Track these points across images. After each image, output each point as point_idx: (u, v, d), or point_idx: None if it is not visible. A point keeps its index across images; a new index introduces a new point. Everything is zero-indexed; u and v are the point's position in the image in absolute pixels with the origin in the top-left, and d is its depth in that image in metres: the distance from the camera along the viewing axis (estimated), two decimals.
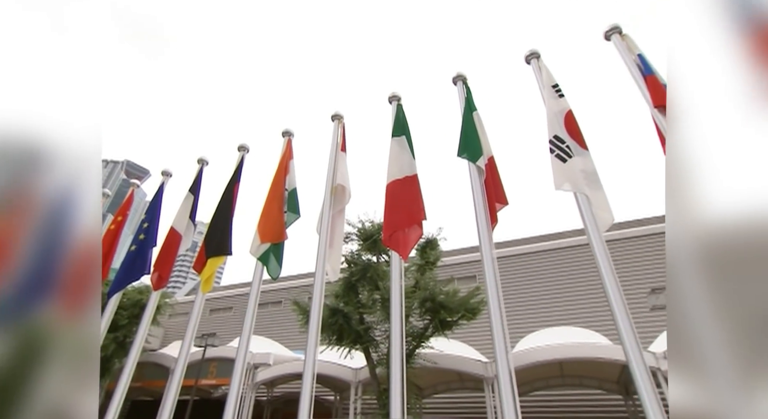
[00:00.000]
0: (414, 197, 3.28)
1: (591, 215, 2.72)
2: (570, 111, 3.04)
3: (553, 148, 2.89)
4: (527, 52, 3.42)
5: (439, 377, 12.42)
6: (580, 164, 2.83)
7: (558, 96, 3.13)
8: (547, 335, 12.12)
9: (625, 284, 14.27)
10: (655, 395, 2.28)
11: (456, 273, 16.05)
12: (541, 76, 3.28)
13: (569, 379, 12.29)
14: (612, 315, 2.56)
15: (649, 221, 16.15)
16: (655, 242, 15.15)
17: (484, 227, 2.89)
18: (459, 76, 3.60)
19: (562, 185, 2.80)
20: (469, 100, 3.46)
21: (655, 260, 14.78)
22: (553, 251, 16.38)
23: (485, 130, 3.30)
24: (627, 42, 3.10)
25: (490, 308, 2.72)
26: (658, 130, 2.79)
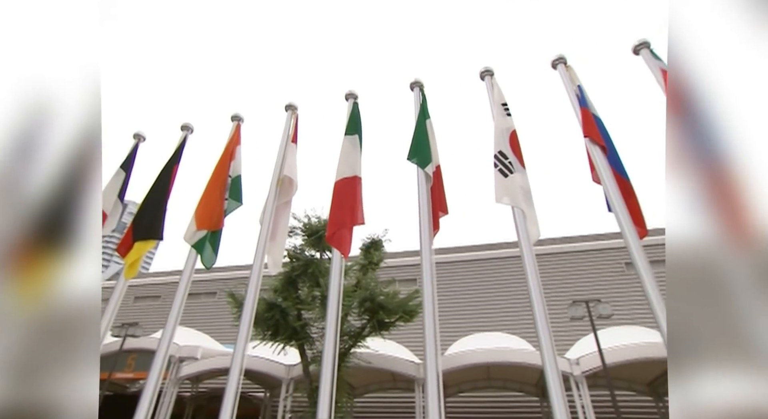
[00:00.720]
0: (357, 198, 3.30)
1: (525, 230, 2.90)
2: (515, 130, 3.23)
3: (497, 162, 3.05)
4: (482, 68, 3.58)
5: (372, 376, 12.54)
6: (519, 180, 3.02)
7: (506, 114, 3.31)
8: (478, 339, 12.73)
9: (549, 296, 15.41)
10: (563, 397, 2.48)
11: (398, 275, 16.33)
12: (493, 93, 3.46)
13: (495, 382, 12.99)
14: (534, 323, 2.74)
15: (574, 239, 17.57)
16: (578, 259, 16.55)
17: (426, 232, 2.97)
18: (417, 82, 3.68)
19: (502, 199, 2.96)
20: (424, 107, 3.54)
21: (577, 275, 16.13)
22: (488, 260, 17.28)
23: (436, 138, 3.40)
24: (570, 73, 3.36)
25: (424, 311, 2.80)
26: (589, 157, 3.06)
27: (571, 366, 10.42)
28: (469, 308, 16.23)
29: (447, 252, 18.00)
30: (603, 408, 11.95)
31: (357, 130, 3.55)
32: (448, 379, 12.46)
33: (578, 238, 17.48)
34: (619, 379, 12.06)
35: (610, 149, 3.13)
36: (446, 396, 13.20)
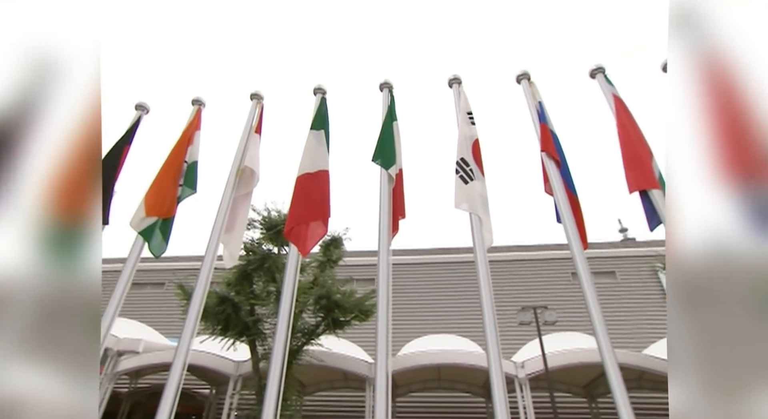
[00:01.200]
0: (323, 193, 3.27)
1: (480, 236, 3.00)
2: (477, 139, 3.33)
3: (458, 169, 3.13)
4: (451, 76, 3.66)
5: (324, 375, 12.45)
6: (478, 188, 3.12)
7: (470, 123, 3.41)
8: (431, 341, 12.99)
9: (501, 301, 16.02)
10: (505, 398, 2.59)
11: (356, 274, 16.31)
12: (459, 101, 3.55)
13: (444, 383, 13.31)
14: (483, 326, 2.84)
15: (526, 247, 18.38)
16: (529, 267, 17.34)
17: (385, 233, 3.00)
18: (386, 84, 3.70)
19: (461, 204, 3.05)
20: (392, 108, 3.57)
21: (527, 282, 16.89)
22: (443, 264, 17.69)
23: (401, 142, 3.44)
24: (533, 89, 3.52)
25: (378, 311, 2.82)
26: (544, 169, 3.22)
27: (517, 369, 10.89)
28: (423, 310, 16.53)
29: (405, 254, 18.21)
30: (543, 409, 12.58)
31: (323, 125, 3.51)
32: (400, 379, 12.61)
33: (530, 247, 18.30)
34: (559, 382, 12.75)
35: (563, 164, 3.31)
36: (397, 395, 13.35)
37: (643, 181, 3.14)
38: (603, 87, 3.43)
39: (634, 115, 3.49)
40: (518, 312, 10.95)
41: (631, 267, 17.08)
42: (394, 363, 11.04)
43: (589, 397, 13.29)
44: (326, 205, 3.24)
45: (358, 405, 14.21)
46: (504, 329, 15.38)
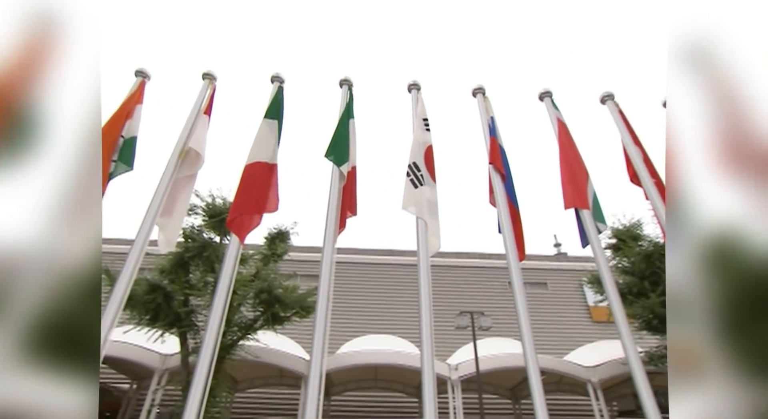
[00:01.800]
0: (270, 184, 3.19)
1: (424, 240, 3.08)
2: (431, 146, 3.42)
3: (409, 172, 3.19)
4: (411, 81, 3.72)
5: (259, 371, 12.08)
6: (427, 193, 3.19)
7: (426, 129, 3.49)
8: (370, 341, 13.08)
9: (441, 305, 16.54)
10: (434, 399, 2.67)
11: (300, 270, 16.03)
12: (417, 107, 3.62)
13: (381, 383, 13.47)
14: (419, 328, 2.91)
15: (469, 255, 19.15)
16: (470, 273, 18.08)
17: (332, 230, 2.98)
18: (346, 80, 3.68)
19: (408, 207, 3.11)
20: (349, 106, 3.56)
21: (467, 288, 17.59)
22: (388, 265, 17.91)
23: (356, 140, 3.44)
24: (486, 103, 3.69)
25: (317, 307, 2.80)
26: (490, 182, 3.37)
27: (450, 371, 11.29)
28: (366, 310, 16.61)
29: (351, 253, 18.18)
30: (471, 409, 13.14)
31: (278, 115, 3.41)
32: (336, 377, 12.56)
33: (472, 255, 19.08)
34: (488, 384, 13.40)
35: (507, 177, 3.49)
36: (332, 394, 13.28)
37: (577, 200, 3.40)
38: (549, 110, 3.66)
39: (574, 139, 3.77)
40: (456, 317, 11.36)
41: (561, 280, 18.39)
42: (331, 362, 10.98)
43: (514, 399, 14.12)
44: (275, 197, 3.16)
45: (292, 403, 13.94)
46: (442, 332, 15.87)
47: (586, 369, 11.33)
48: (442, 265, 17.78)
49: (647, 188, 3.64)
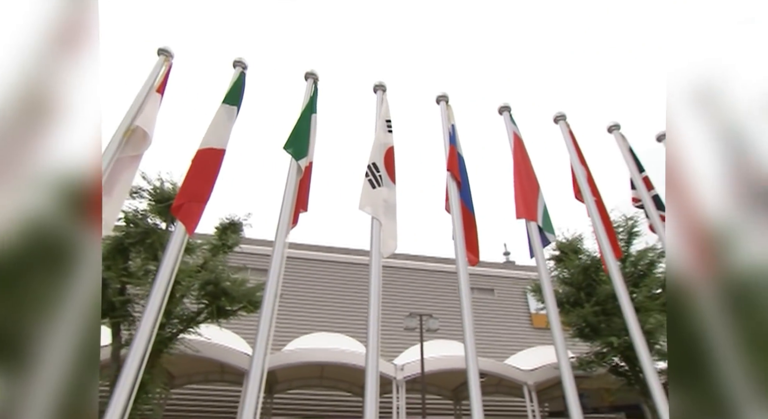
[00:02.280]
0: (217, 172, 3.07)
1: (378, 241, 3.10)
2: (392, 147, 3.45)
3: (368, 173, 3.20)
4: (377, 82, 3.74)
5: (198, 366, 11.55)
6: (384, 194, 3.22)
7: (388, 131, 3.51)
8: (319, 338, 12.94)
9: (392, 306, 16.73)
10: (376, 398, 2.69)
11: (252, 263, 15.55)
12: (381, 108, 3.64)
13: (327, 381, 13.36)
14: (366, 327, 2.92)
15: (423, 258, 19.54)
16: (422, 276, 18.45)
17: (285, 224, 2.92)
18: (312, 74, 3.62)
19: (364, 207, 3.11)
20: (313, 100, 3.50)
21: (418, 290, 17.93)
22: (343, 264, 17.83)
23: (317, 135, 3.40)
24: (449, 111, 3.78)
25: (264, 302, 2.73)
26: (446, 188, 3.46)
27: (396, 371, 11.43)
28: (317, 307, 16.42)
29: (305, 249, 17.92)
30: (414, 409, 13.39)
31: (237, 101, 3.29)
32: (281, 375, 12.30)
33: (426, 258, 19.49)
34: (432, 385, 13.73)
35: (464, 185, 3.60)
36: (276, 391, 12.99)
37: (527, 213, 3.57)
38: (507, 124, 3.83)
39: (528, 153, 3.96)
40: (405, 318, 11.52)
41: (507, 287, 19.25)
42: (277, 359, 10.74)
43: (456, 399, 14.57)
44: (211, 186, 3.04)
45: (232, 400, 13.47)
46: (391, 333, 16.04)
47: (523, 373, 11.93)
48: (396, 266, 17.98)
49: (589, 206, 3.90)
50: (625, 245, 11.35)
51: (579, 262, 11.28)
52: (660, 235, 4.25)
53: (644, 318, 9.55)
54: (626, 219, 11.38)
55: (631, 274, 10.91)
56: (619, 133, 4.66)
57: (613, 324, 9.92)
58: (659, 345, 10.20)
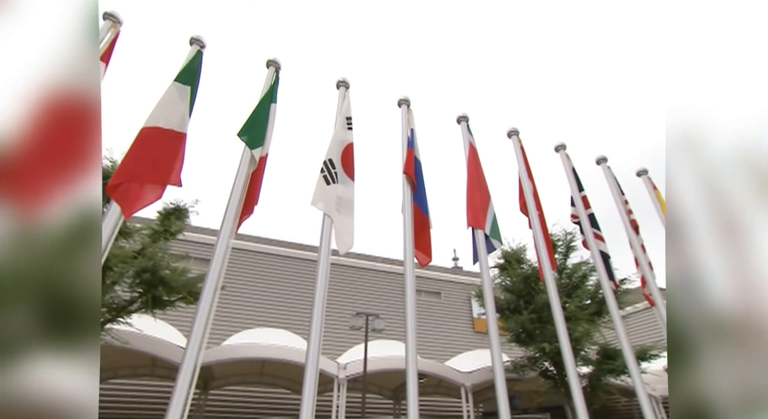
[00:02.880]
0: (174, 155, 2.89)
1: (328, 237, 3.07)
2: (351, 144, 3.44)
3: (324, 169, 3.17)
4: (340, 78, 3.71)
5: (127, 359, 10.79)
6: (340, 191, 3.20)
7: (348, 128, 3.50)
8: (261, 334, 12.58)
9: (340, 304, 16.67)
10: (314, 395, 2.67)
11: (194, 252, 14.81)
12: (343, 104, 3.61)
13: (266, 378, 13.00)
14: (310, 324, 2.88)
15: (374, 258, 19.67)
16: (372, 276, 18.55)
17: (232, 214, 2.81)
18: (273, 61, 3.51)
19: (317, 203, 3.07)
20: (273, 88, 3.40)
21: (367, 290, 18.01)
22: (292, 259, 17.41)
23: (274, 126, 3.31)
24: (409, 115, 3.84)
25: (203, 293, 2.62)
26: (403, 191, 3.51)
27: (339, 370, 11.38)
28: (263, 301, 15.95)
29: (253, 241, 17.37)
30: (354, 408, 13.41)
31: (191, 81, 3.11)
32: (219, 370, 11.81)
33: (377, 258, 19.62)
34: (373, 384, 13.83)
35: (420, 188, 3.67)
36: (212, 388, 12.44)
37: (476, 221, 3.71)
38: (464, 133, 3.96)
39: (482, 163, 4.12)
40: (352, 317, 11.53)
41: (453, 291, 19.86)
42: (215, 353, 10.30)
43: (395, 399, 14.77)
44: (172, 170, 2.87)
45: (163, 397, 12.72)
46: (337, 331, 15.97)
47: (462, 374, 12.36)
48: (346, 265, 17.92)
49: (532, 219, 4.13)
50: (562, 258, 12.15)
51: (521, 271, 11.90)
52: (592, 251, 4.60)
53: (574, 326, 10.28)
54: (566, 234, 12.18)
55: (566, 285, 11.69)
56: (565, 153, 4.98)
57: (547, 331, 10.56)
58: (584, 352, 11.01)
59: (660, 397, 13.77)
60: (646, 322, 20.15)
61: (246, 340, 11.58)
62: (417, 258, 3.45)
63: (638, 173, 5.73)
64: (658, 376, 14.47)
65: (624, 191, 5.29)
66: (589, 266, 11.64)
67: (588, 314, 10.76)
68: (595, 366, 11.05)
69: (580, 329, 10.33)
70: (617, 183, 5.24)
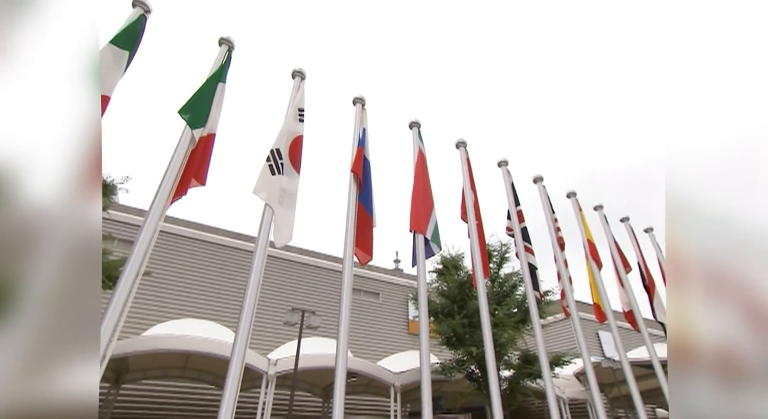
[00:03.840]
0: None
1: (267, 228, 2.98)
2: (301, 137, 3.37)
3: (270, 158, 3.07)
4: (296, 68, 3.62)
5: None
6: (284, 183, 3.12)
7: (299, 120, 3.43)
8: (189, 325, 11.88)
9: (275, 298, 16.24)
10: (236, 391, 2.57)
11: (119, 233, 13.62)
12: (296, 95, 3.53)
13: (190, 372, 12.27)
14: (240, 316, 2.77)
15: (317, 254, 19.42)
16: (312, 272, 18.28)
17: (165, 193, 2.63)
18: (226, 40, 3.33)
19: (259, 192, 2.97)
20: (224, 68, 3.23)
21: (306, 285, 17.71)
22: (224, 247, 16.53)
23: (222, 107, 3.15)
24: (363, 115, 3.85)
25: (122, 277, 2.42)
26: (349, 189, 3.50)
27: (269, 366, 11.06)
28: (192, 291, 15.05)
29: (185, 225, 16.35)
30: (282, 406, 13.11)
31: (130, 46, 2.86)
32: (135, 363, 10.96)
33: (319, 255, 19.37)
34: (304, 382, 13.62)
35: (366, 187, 3.69)
36: (125, 381, 11.49)
37: (418, 225, 3.80)
38: (414, 139, 4.05)
39: (429, 170, 4.24)
40: (287, 312, 11.27)
41: (392, 292, 20.18)
42: (130, 345, 9.53)
43: (325, 398, 14.66)
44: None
45: None
46: (271, 326, 15.52)
47: (392, 375, 12.58)
48: (286, 259, 17.48)
49: (471, 228, 4.33)
50: (496, 268, 12.85)
51: (457, 278, 12.40)
52: (522, 262, 4.92)
53: (500, 332, 10.91)
54: (501, 245, 12.90)
55: (497, 293, 12.38)
56: (507, 169, 5.28)
57: (476, 335, 11.10)
58: (507, 357, 11.73)
59: (567, 399, 15.05)
60: (564, 331, 21.93)
61: (170, 331, 10.86)
62: (357, 256, 3.46)
63: (568, 195, 6.23)
64: (567, 381, 15.82)
65: (555, 210, 5.72)
66: (520, 277, 12.43)
67: (514, 321, 11.47)
68: (515, 370, 11.81)
69: (506, 335, 10.97)
70: (550, 202, 5.65)
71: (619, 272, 6.05)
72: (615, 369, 13.51)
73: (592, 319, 19.22)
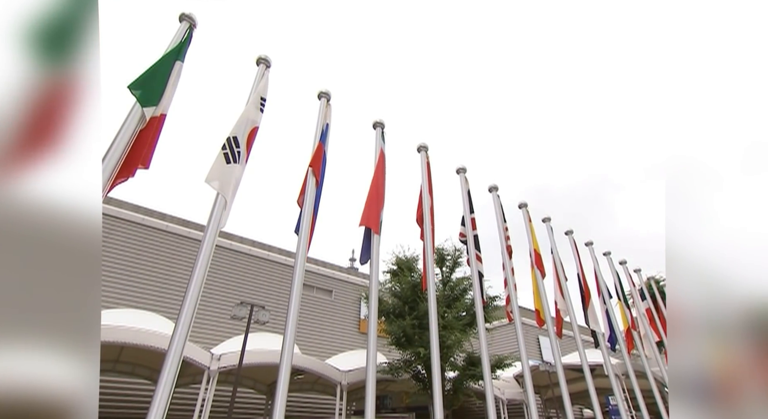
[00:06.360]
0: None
1: (218, 217, 2.88)
2: (258, 127, 3.28)
3: (226, 146, 2.97)
4: (261, 55, 3.52)
5: None
6: (237, 172, 3.02)
7: (260, 109, 3.33)
8: (124, 315, 11.15)
9: (222, 290, 15.66)
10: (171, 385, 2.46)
11: None
12: (260, 83, 3.43)
13: (123, 366, 11.51)
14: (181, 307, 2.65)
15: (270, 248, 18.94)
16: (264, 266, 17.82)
17: (107, 174, 2.46)
18: (187, 16, 3.16)
19: (212, 181, 2.86)
20: (182, 46, 3.07)
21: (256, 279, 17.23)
22: (169, 234, 15.63)
23: (177, 87, 2.99)
24: (327, 110, 3.82)
25: None
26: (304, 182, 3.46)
27: (212, 361, 10.64)
28: (133, 279, 14.16)
29: (128, 208, 15.33)
30: (223, 403, 12.64)
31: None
32: None
33: (272, 248, 18.91)
34: (247, 378, 13.22)
35: (321, 183, 3.66)
36: None
37: (370, 222, 3.83)
38: (377, 139, 4.07)
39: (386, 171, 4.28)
40: (235, 306, 10.91)
41: (346, 291, 20.12)
42: None
43: (269, 395, 14.33)
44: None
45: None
46: (217, 320, 14.94)
47: (340, 373, 12.54)
48: (237, 251, 16.88)
49: (425, 231, 4.43)
50: (448, 272, 13.20)
51: (411, 279, 12.59)
52: (472, 268, 5.10)
53: (448, 334, 11.21)
54: (455, 250, 13.27)
55: (448, 296, 12.72)
56: (464, 176, 5.45)
57: (425, 336, 11.33)
58: (453, 358, 12.08)
59: (507, 400, 15.77)
60: (509, 335, 22.93)
61: (102, 321, 10.13)
62: None
63: (520, 206, 6.54)
64: (507, 382, 16.57)
65: (506, 219, 5.98)
66: (470, 282, 12.85)
67: (462, 324, 11.84)
68: (460, 371, 12.19)
69: (453, 337, 11.30)
70: (502, 210, 5.90)
71: (561, 281, 6.43)
72: (550, 372, 14.34)
73: (535, 324, 20.27)
